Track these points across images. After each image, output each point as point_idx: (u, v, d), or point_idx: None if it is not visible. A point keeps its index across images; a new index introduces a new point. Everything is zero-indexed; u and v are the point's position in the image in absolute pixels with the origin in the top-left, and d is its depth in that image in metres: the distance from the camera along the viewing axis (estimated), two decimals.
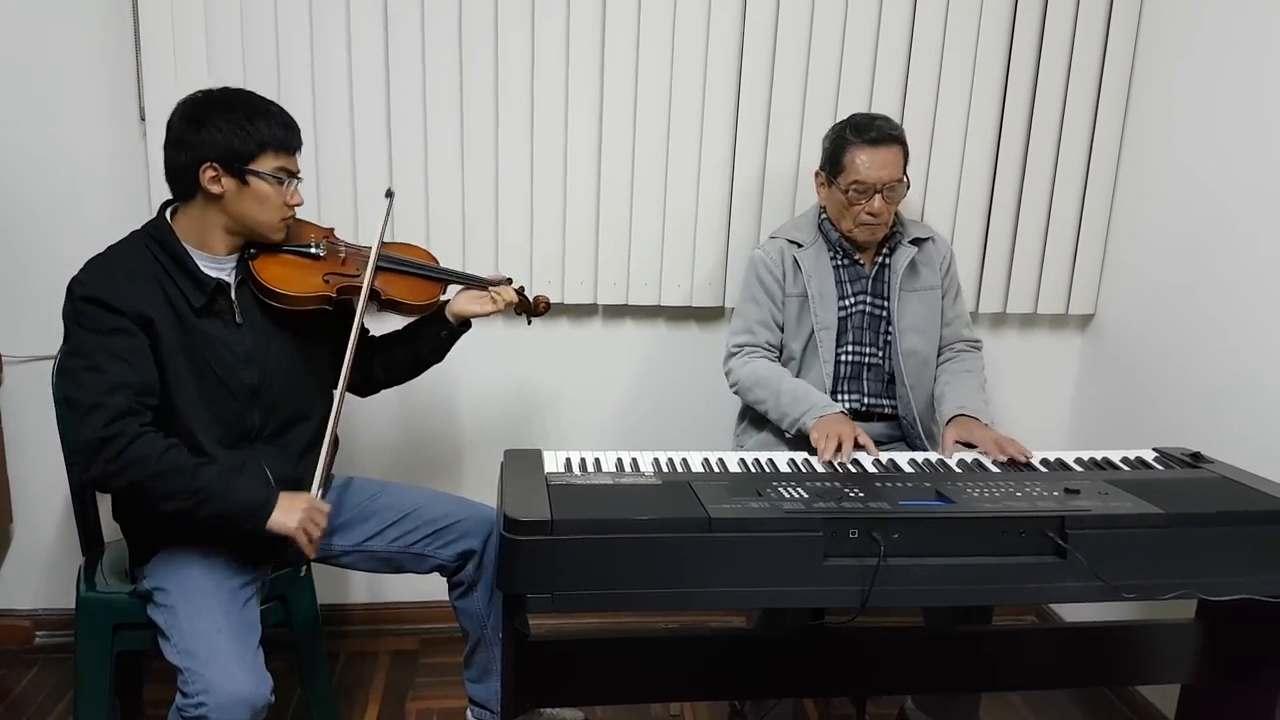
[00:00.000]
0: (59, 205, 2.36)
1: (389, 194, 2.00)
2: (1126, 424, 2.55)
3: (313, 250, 1.87)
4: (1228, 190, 2.22)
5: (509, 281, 2.05)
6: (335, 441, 1.87)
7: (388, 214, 1.97)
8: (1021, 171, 2.58)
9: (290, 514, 1.71)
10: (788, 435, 2.12)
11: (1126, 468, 1.93)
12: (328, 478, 1.79)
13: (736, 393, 2.26)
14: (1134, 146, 2.55)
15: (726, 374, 2.26)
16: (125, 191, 2.35)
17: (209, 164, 1.71)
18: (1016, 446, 1.95)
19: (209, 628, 1.67)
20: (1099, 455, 1.98)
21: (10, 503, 2.49)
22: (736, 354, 2.24)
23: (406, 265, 1.98)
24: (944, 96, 2.51)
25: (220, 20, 2.27)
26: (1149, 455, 2.00)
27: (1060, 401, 2.80)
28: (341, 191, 2.38)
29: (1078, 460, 1.95)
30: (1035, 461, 1.94)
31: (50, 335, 2.11)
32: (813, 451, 1.93)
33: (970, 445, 2.02)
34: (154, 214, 1.82)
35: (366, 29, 2.32)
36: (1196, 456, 1.97)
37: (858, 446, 1.93)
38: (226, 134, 1.71)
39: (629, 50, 2.40)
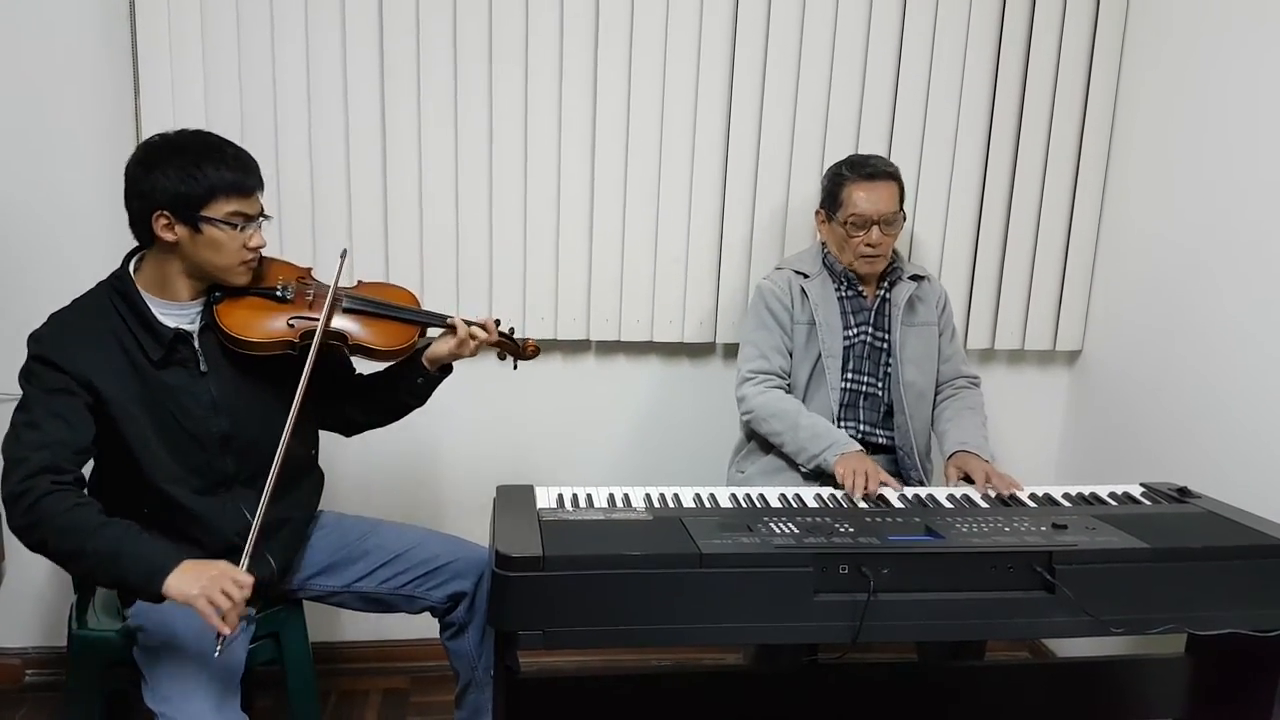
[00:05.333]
0: (54, 236, 2.36)
1: (343, 254, 1.88)
2: (1114, 459, 2.57)
3: (278, 293, 1.81)
4: (1205, 234, 2.26)
5: (498, 324, 1.97)
6: (276, 495, 1.73)
7: (339, 272, 1.85)
8: (1007, 210, 2.62)
9: (192, 581, 1.53)
10: (804, 470, 2.15)
11: (1114, 503, 1.95)
12: (259, 547, 1.68)
13: (749, 421, 2.27)
14: (1117, 189, 2.59)
15: (740, 400, 2.27)
16: (122, 223, 2.34)
17: (160, 212, 1.67)
18: (1005, 481, 1.99)
19: (188, 675, 1.65)
20: (1086, 490, 2.00)
21: (1, 540, 2.48)
22: (751, 380, 2.25)
23: (379, 308, 1.89)
24: (930, 137, 2.55)
25: (218, 56, 2.30)
26: (1136, 490, 2.02)
27: (1048, 437, 2.82)
28: (336, 225, 2.41)
29: (1065, 495, 1.97)
30: (1023, 496, 1.96)
31: None
32: (832, 485, 1.97)
33: (970, 479, 2.07)
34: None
35: (362, 67, 2.36)
36: (1183, 491, 1.99)
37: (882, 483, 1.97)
38: (174, 179, 1.65)
39: (620, 90, 2.44)
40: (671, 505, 1.81)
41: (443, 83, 2.39)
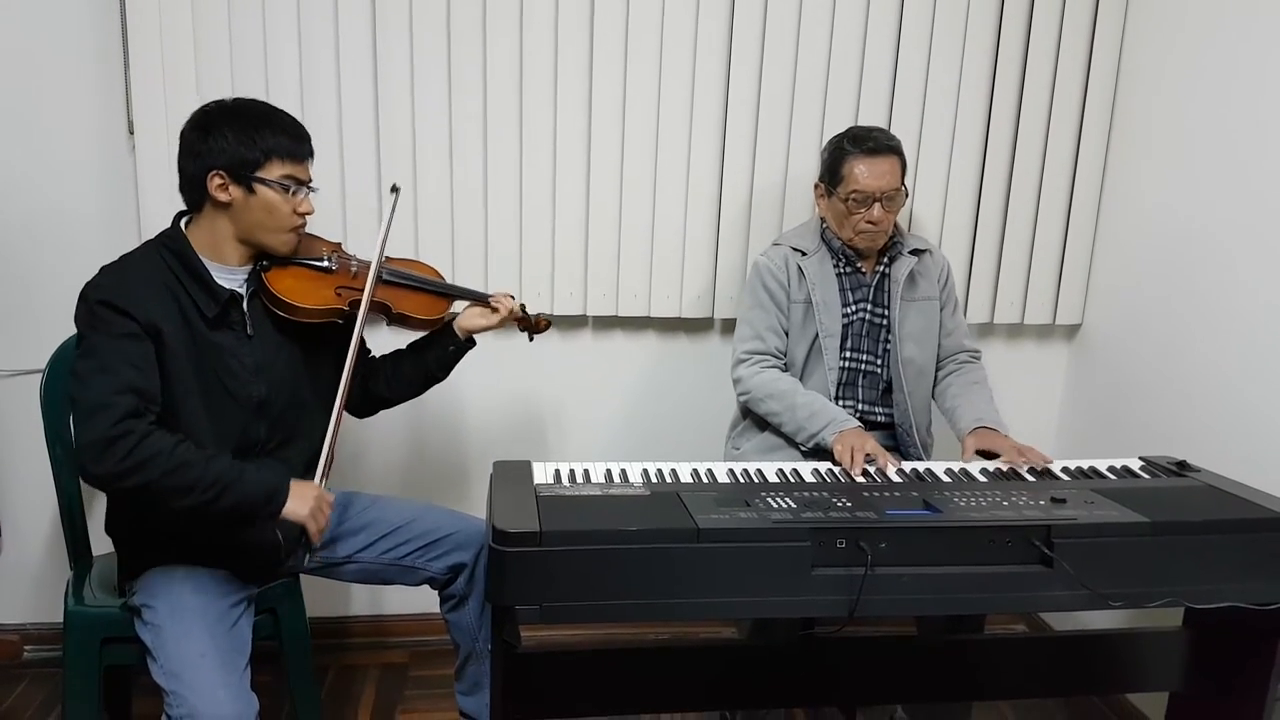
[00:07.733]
0: (47, 218, 2.35)
1: (395, 189, 1.98)
2: (1113, 433, 2.57)
3: (324, 264, 1.88)
4: (1206, 208, 2.25)
5: (511, 298, 2.07)
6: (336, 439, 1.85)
7: (393, 209, 1.96)
8: (1008, 185, 2.60)
9: (303, 501, 1.72)
10: (803, 449, 2.13)
11: (1113, 476, 1.94)
12: (329, 467, 1.80)
13: (745, 402, 2.26)
14: (1118, 163, 2.57)
15: (735, 381, 2.25)
16: (114, 204, 2.35)
17: (216, 172, 1.71)
18: (1036, 454, 1.96)
19: (195, 651, 1.65)
20: (1085, 464, 2.00)
21: None
22: (746, 361, 2.24)
23: (415, 280, 1.99)
24: (930, 110, 2.53)
25: (209, 33, 2.27)
26: (1135, 464, 2.01)
27: (1048, 411, 2.82)
28: (329, 202, 2.38)
29: (1064, 469, 1.96)
30: (1023, 471, 1.95)
31: (38, 348, 2.12)
32: (830, 461, 1.96)
33: (990, 455, 2.03)
34: (139, 226, 1.81)
35: (355, 42, 2.33)
36: (1182, 465, 1.98)
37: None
38: (233, 141, 1.71)
39: (617, 63, 2.41)
40: (669, 480, 1.81)
41: (437, 59, 2.36)
